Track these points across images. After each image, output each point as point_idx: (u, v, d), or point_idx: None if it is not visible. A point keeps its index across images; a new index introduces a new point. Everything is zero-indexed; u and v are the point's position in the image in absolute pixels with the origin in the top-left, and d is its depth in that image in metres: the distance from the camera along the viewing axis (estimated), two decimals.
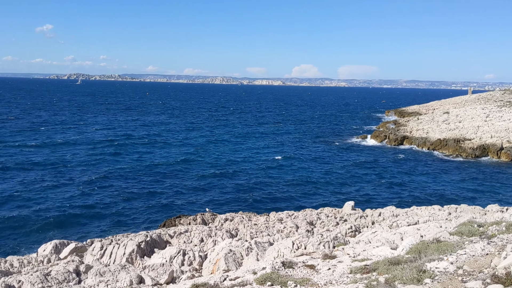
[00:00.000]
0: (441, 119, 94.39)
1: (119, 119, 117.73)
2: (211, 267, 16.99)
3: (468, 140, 75.61)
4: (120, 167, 56.61)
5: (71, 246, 21.51)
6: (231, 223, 29.45)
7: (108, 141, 76.72)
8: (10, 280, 15.55)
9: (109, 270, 16.35)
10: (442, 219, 24.69)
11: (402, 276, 8.16)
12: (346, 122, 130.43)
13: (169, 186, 48.79)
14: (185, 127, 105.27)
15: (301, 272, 10.43)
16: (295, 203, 43.96)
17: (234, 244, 19.19)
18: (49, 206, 39.95)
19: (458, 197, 47.10)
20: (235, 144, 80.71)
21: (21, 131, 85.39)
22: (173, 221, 33.11)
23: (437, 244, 10.59)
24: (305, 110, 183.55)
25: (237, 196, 45.82)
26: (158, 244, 21.93)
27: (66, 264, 17.56)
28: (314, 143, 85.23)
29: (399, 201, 45.23)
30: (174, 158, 64.18)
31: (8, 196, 42.11)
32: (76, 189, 45.64)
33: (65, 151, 65.63)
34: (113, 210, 39.98)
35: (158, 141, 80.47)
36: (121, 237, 25.07)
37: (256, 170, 58.69)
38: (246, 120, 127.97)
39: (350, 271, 9.96)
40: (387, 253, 11.63)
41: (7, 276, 16.25)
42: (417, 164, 65.40)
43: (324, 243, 17.06)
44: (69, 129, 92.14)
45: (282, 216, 30.88)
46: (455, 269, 8.28)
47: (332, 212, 31.97)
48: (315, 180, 53.97)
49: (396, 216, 28.82)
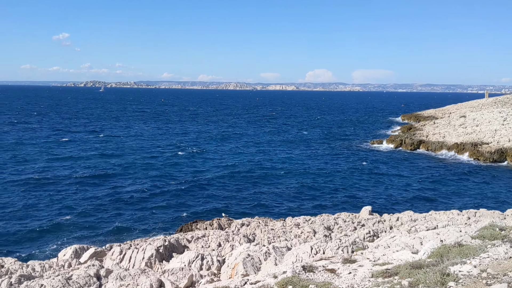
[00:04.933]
0: (458, 123, 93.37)
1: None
2: (230, 271, 17.03)
3: (486, 144, 74.68)
4: (133, 174, 57.11)
5: (90, 250, 21.72)
6: (247, 228, 29.48)
7: (130, 149, 77.50)
8: (32, 284, 15.76)
9: (129, 274, 16.50)
10: (461, 223, 24.44)
11: (426, 279, 8.13)
12: (361, 127, 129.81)
13: (185, 190, 49.02)
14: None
15: (322, 276, 10.42)
16: (311, 208, 43.80)
17: (251, 249, 19.19)
18: (69, 212, 40.50)
19: (476, 202, 46.48)
20: (251, 147, 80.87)
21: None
22: (190, 226, 33.28)
23: (459, 247, 10.52)
24: (320, 114, 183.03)
25: (251, 201, 45.83)
26: (176, 248, 22.06)
27: (87, 268, 17.73)
28: (329, 147, 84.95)
29: (417, 205, 44.83)
30: (192, 164, 64.52)
31: (30, 203, 42.77)
32: (93, 196, 46.15)
33: (91, 161, 66.30)
34: (130, 216, 40.34)
35: (180, 147, 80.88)
36: (139, 242, 25.24)
37: (269, 174, 58.64)
38: (258, 127, 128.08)
39: (371, 275, 9.94)
40: (408, 257, 11.57)
41: (30, 280, 16.47)
42: (433, 168, 64.76)
43: (343, 247, 17.01)
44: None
45: (299, 221, 30.82)
46: (478, 272, 8.23)
47: (349, 217, 31.82)
48: (330, 185, 53.75)
49: (414, 220, 28.57)
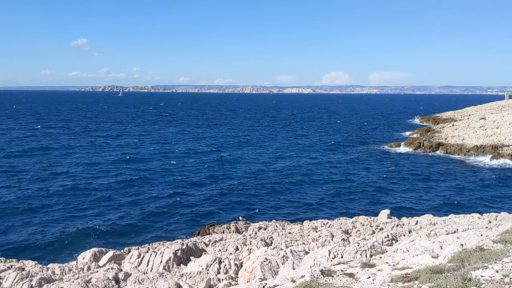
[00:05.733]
0: (478, 125, 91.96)
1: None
2: (247, 275, 17.01)
3: (507, 146, 73.39)
4: (151, 178, 57.56)
5: (109, 254, 21.92)
6: (265, 232, 29.45)
7: (149, 154, 78.19)
8: (52, 287, 15.98)
9: (147, 277, 16.60)
10: (482, 227, 24.02)
11: (446, 284, 7.99)
12: (379, 129, 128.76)
13: (201, 194, 49.19)
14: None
15: (340, 281, 10.33)
16: (328, 212, 43.56)
17: (269, 253, 19.15)
18: (88, 215, 41.00)
19: (497, 205, 45.69)
20: (269, 151, 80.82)
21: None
22: (207, 229, 33.39)
23: (481, 252, 10.33)
24: (338, 118, 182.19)
25: (269, 205, 45.77)
26: (194, 252, 22.13)
27: (106, 272, 17.89)
28: (346, 151, 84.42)
29: (436, 209, 44.21)
30: (210, 168, 64.77)
31: (50, 207, 43.38)
32: (112, 200, 46.62)
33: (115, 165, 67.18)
34: (148, 219, 40.62)
35: (199, 151, 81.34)
36: (157, 245, 25.42)
37: (286, 178, 58.52)
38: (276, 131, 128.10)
39: (390, 279, 9.81)
40: (428, 262, 11.40)
41: (50, 283, 16.69)
42: (452, 171, 63.84)
43: (361, 251, 16.87)
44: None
45: (317, 224, 30.67)
46: (501, 277, 8.06)
47: (367, 221, 31.55)
48: (348, 188, 53.36)
49: (434, 224, 28.20)
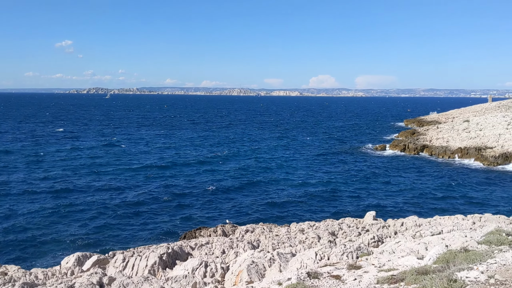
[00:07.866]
0: (461, 128, 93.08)
1: (154, 132, 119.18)
2: (234, 278, 16.90)
3: (490, 148, 74.35)
4: (136, 181, 57.11)
5: (93, 258, 21.63)
6: (252, 235, 29.34)
7: (132, 156, 77.57)
8: None
9: (132, 282, 16.38)
10: (466, 228, 24.22)
11: (432, 285, 8.01)
12: (364, 132, 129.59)
13: (188, 197, 48.92)
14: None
15: (327, 283, 10.30)
16: (315, 214, 43.62)
17: (256, 256, 19.06)
18: (72, 219, 40.50)
19: (481, 206, 46.19)
20: (255, 153, 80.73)
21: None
22: (194, 233, 33.18)
23: (466, 253, 10.39)
24: (324, 120, 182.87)
25: (254, 207, 45.68)
26: (180, 256, 21.94)
27: (90, 276, 17.63)
28: (332, 153, 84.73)
29: (421, 210, 44.58)
30: (193, 169, 64.47)
31: (33, 212, 42.75)
32: (96, 203, 46.11)
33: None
34: (133, 223, 40.25)
35: (185, 155, 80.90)
36: (142, 249, 25.16)
37: (273, 180, 58.55)
38: (264, 132, 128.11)
39: (377, 281, 9.82)
40: (414, 263, 11.44)
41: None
42: (437, 173, 64.47)
43: (348, 253, 16.87)
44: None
45: (304, 226, 30.66)
46: (486, 278, 8.10)
47: (353, 222, 31.65)
48: (334, 190, 53.53)
49: (419, 226, 28.38)
